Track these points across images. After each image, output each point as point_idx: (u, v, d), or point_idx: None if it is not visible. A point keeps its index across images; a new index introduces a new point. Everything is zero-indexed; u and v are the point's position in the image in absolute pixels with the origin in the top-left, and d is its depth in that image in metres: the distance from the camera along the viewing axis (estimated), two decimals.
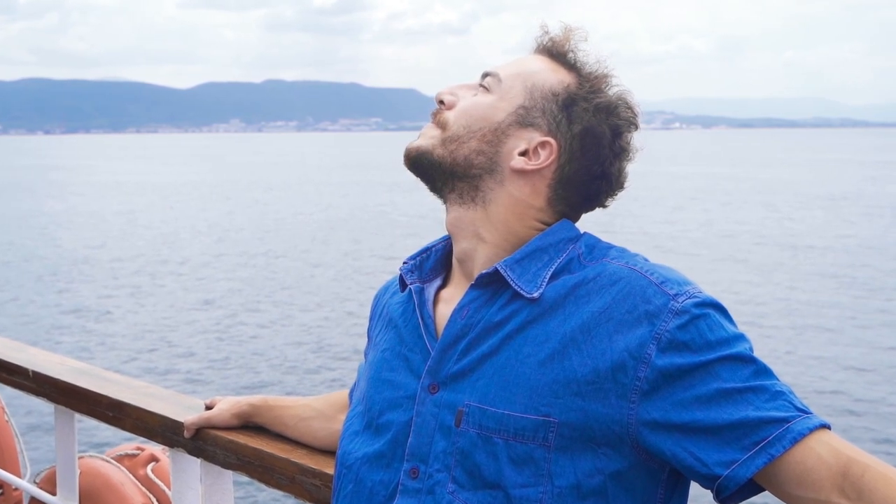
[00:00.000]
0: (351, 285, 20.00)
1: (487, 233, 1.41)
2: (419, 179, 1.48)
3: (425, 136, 1.45)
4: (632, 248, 1.38)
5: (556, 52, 1.45)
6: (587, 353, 1.26)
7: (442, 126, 1.43)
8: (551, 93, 1.41)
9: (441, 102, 1.46)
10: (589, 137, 1.39)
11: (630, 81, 1.43)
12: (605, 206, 1.47)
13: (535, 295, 1.32)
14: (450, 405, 1.33)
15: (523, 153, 1.39)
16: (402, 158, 1.46)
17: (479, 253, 1.41)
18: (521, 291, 1.33)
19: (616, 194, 1.45)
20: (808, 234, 28.70)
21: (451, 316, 1.38)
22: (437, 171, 1.43)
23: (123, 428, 2.14)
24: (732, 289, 18.61)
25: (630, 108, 1.41)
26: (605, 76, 1.42)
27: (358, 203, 41.69)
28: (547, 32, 1.48)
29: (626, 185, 1.44)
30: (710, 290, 1.28)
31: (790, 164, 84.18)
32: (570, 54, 1.44)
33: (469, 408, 1.30)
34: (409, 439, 1.35)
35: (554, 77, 1.42)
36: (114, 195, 46.56)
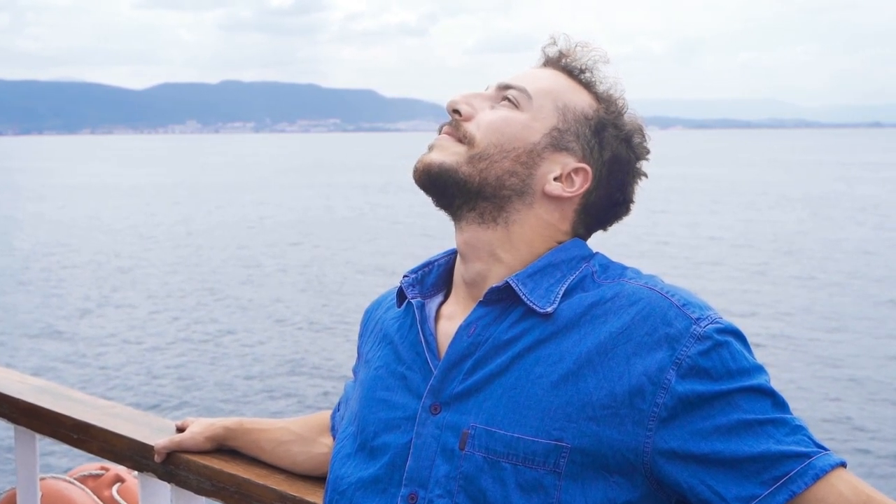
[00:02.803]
0: (331, 297, 19.18)
1: (506, 253, 1.34)
2: (427, 193, 1.37)
3: (446, 150, 1.34)
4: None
5: (574, 70, 1.41)
6: (603, 376, 1.20)
7: (466, 140, 1.34)
8: (584, 116, 1.37)
9: (457, 112, 1.37)
10: (616, 165, 1.37)
11: None
12: (606, 230, 1.44)
13: (550, 310, 1.26)
14: (453, 427, 1.26)
15: (558, 178, 1.34)
16: (413, 171, 1.36)
17: (494, 274, 1.34)
18: (534, 307, 1.27)
19: (623, 218, 1.43)
20: (787, 236, 28.76)
21: (457, 333, 1.31)
22: (460, 190, 1.33)
23: (89, 451, 2.03)
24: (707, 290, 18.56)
25: (644, 135, 1.40)
26: (624, 101, 1.39)
27: (328, 205, 41.12)
28: (555, 44, 1.43)
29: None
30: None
31: (755, 164, 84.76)
32: (588, 73, 1.40)
33: (475, 430, 1.23)
34: (408, 463, 1.28)
35: (580, 98, 1.38)
36: (73, 199, 45.68)
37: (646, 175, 1.41)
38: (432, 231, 28.19)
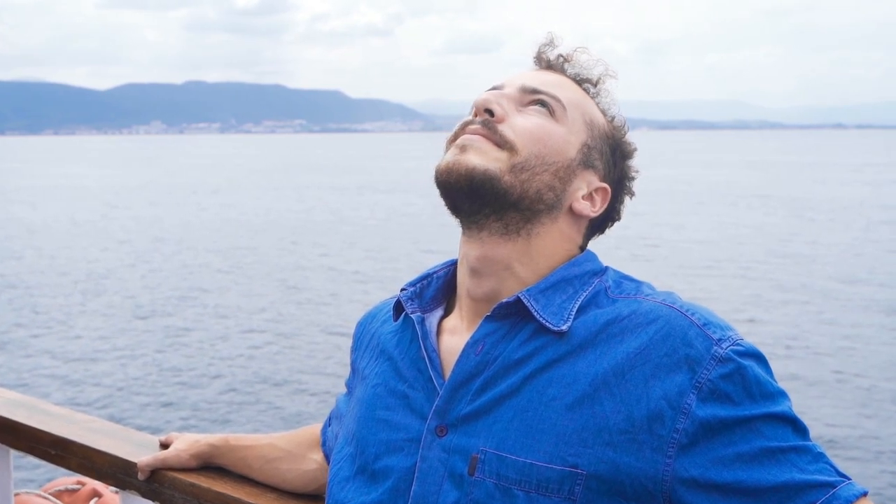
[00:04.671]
0: (311, 304, 18.42)
1: (523, 266, 1.27)
2: (452, 197, 1.27)
3: (486, 155, 1.25)
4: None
5: (584, 81, 1.38)
6: (620, 399, 1.14)
7: (506, 146, 1.26)
8: (605, 133, 1.35)
9: (489, 112, 1.29)
10: (622, 184, 1.37)
11: None
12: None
13: (564, 328, 1.20)
14: (461, 450, 1.19)
15: (585, 196, 1.31)
16: (442, 170, 1.26)
17: (506, 289, 1.27)
18: (547, 324, 1.21)
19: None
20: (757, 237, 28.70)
21: (464, 350, 1.24)
22: (497, 199, 1.24)
23: (68, 468, 1.96)
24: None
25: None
26: (623, 117, 1.38)
27: (305, 208, 40.41)
28: (552, 45, 1.39)
29: None
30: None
31: (728, 165, 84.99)
32: (597, 87, 1.38)
33: (485, 454, 1.17)
34: (413, 488, 1.21)
35: (597, 114, 1.35)
36: (40, 201, 44.95)
37: (634, 193, 1.41)
38: (413, 235, 28.01)
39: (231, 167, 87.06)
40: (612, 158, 1.35)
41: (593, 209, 1.32)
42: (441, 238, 26.94)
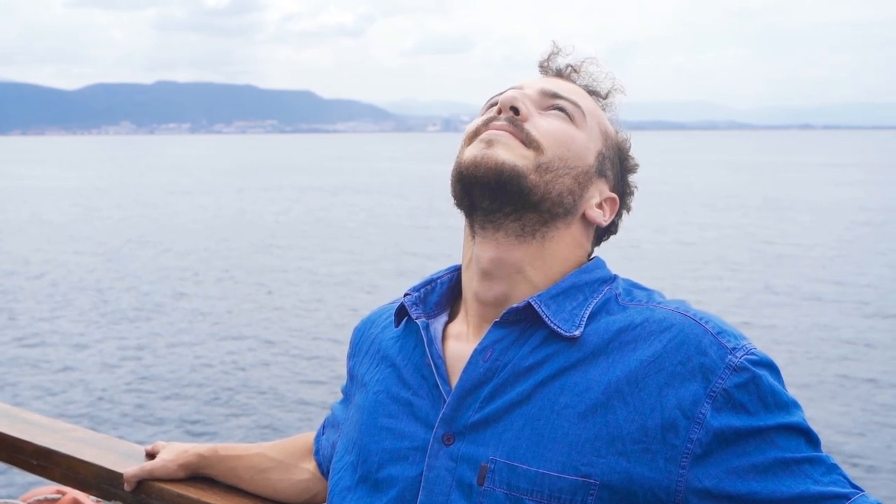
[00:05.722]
0: (293, 309, 17.75)
1: (535, 271, 1.25)
2: (472, 193, 1.24)
3: (514, 151, 1.23)
4: None
5: (597, 93, 1.38)
6: (634, 408, 1.12)
7: (532, 145, 1.24)
8: (616, 146, 1.36)
9: (514, 111, 1.27)
10: (626, 197, 1.38)
11: None
12: None
13: (577, 333, 1.18)
14: (470, 459, 1.16)
15: (598, 204, 1.32)
16: (469, 164, 1.23)
17: (517, 293, 1.25)
18: (559, 330, 1.19)
19: None
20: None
21: (472, 357, 1.22)
22: (520, 198, 1.22)
23: (51, 478, 1.91)
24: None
25: None
26: (626, 132, 1.38)
27: (280, 210, 39.75)
28: (561, 53, 1.39)
29: None
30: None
31: (700, 165, 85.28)
32: (608, 99, 1.38)
33: (495, 464, 1.14)
34: (420, 497, 1.18)
35: (609, 125, 1.36)
36: (9, 202, 44.23)
37: (631, 209, 1.41)
38: (394, 237, 27.79)
39: (204, 168, 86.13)
40: (621, 170, 1.36)
41: (604, 218, 1.32)
42: (421, 240, 26.88)
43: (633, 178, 1.40)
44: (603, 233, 1.37)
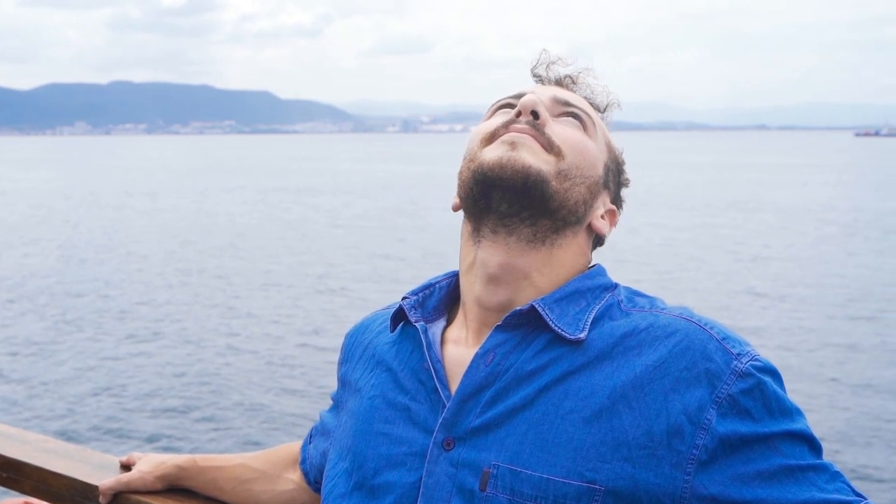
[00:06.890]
0: (278, 317, 17.04)
1: (541, 276, 1.23)
2: (491, 195, 1.20)
3: (538, 156, 1.21)
4: None
5: (597, 105, 1.37)
6: (639, 413, 1.10)
7: (553, 150, 1.23)
8: (619, 158, 1.36)
9: (534, 115, 1.25)
10: (619, 209, 1.37)
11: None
12: None
13: (581, 336, 1.16)
14: (471, 465, 1.13)
15: (602, 215, 1.31)
16: (493, 164, 1.20)
17: (522, 299, 1.22)
18: (563, 333, 1.17)
19: None
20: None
21: (473, 361, 1.19)
22: (540, 203, 1.20)
23: (22, 491, 1.83)
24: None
25: None
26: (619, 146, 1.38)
27: (244, 210, 39.08)
28: (558, 63, 1.38)
29: None
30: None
31: (661, 165, 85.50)
32: (606, 112, 1.37)
33: (497, 469, 1.12)
34: (418, 503, 1.16)
35: (611, 137, 1.35)
36: None
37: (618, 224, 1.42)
38: (363, 239, 27.62)
39: (163, 169, 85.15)
40: (618, 181, 1.36)
41: (608, 229, 1.32)
42: (390, 241, 26.80)
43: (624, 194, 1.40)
44: (595, 243, 1.36)
